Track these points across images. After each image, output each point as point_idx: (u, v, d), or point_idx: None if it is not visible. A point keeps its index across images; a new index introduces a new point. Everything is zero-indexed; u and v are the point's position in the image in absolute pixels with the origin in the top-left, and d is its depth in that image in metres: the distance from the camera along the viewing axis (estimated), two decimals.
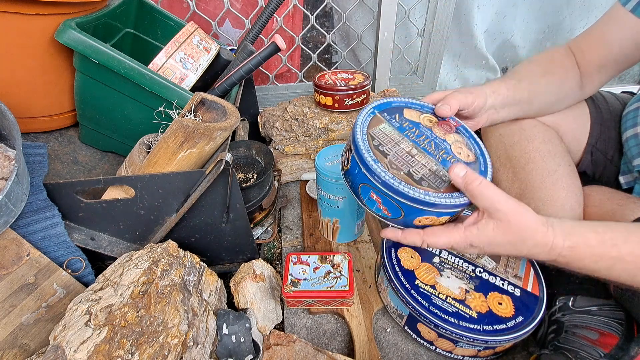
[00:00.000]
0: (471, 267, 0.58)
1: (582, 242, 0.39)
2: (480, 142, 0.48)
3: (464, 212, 0.45)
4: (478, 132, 0.97)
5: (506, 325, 0.51)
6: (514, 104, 0.58)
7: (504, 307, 0.53)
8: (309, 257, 0.65)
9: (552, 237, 0.39)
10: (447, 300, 0.54)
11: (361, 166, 0.43)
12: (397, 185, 0.40)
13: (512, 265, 0.59)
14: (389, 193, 0.41)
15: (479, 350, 0.52)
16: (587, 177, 0.72)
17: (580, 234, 0.39)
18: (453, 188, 0.41)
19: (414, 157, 0.44)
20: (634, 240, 0.38)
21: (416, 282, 0.56)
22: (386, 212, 0.44)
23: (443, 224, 0.44)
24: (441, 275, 0.57)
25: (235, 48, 0.92)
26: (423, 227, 0.44)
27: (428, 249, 0.53)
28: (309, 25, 1.08)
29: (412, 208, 0.41)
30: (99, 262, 0.63)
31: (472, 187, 0.39)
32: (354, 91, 0.91)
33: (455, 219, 0.45)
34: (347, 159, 0.46)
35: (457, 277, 0.57)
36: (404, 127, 0.47)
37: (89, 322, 0.42)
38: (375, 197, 0.43)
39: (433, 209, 0.41)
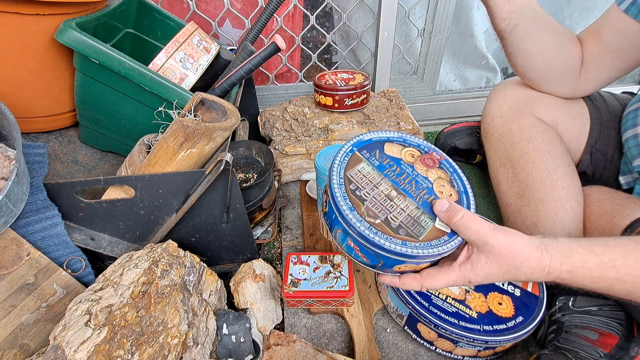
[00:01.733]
0: None
1: (580, 265, 0.39)
2: (464, 178, 0.46)
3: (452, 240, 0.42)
4: (478, 133, 0.98)
5: (506, 325, 0.51)
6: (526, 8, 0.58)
7: (504, 307, 0.53)
8: (309, 257, 0.65)
9: (548, 261, 0.39)
10: (447, 300, 0.54)
11: (337, 214, 0.42)
12: (372, 236, 0.39)
13: None
14: (365, 244, 0.40)
15: (479, 351, 0.53)
16: (587, 177, 0.72)
17: (578, 255, 0.39)
18: (432, 236, 0.40)
19: (392, 200, 0.43)
20: (632, 259, 0.38)
21: None
22: (364, 259, 0.44)
23: (425, 267, 0.44)
24: None
25: (235, 48, 0.92)
26: (402, 272, 0.44)
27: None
28: (309, 25, 1.08)
29: (389, 258, 0.41)
30: (99, 262, 0.63)
31: (456, 221, 0.39)
32: (354, 91, 0.91)
33: (439, 260, 0.44)
34: (325, 202, 0.46)
35: None
36: (384, 164, 0.46)
37: (89, 322, 0.42)
38: (352, 244, 0.43)
39: (411, 260, 0.40)
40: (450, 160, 0.48)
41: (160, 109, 0.63)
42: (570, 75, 0.64)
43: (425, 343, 0.56)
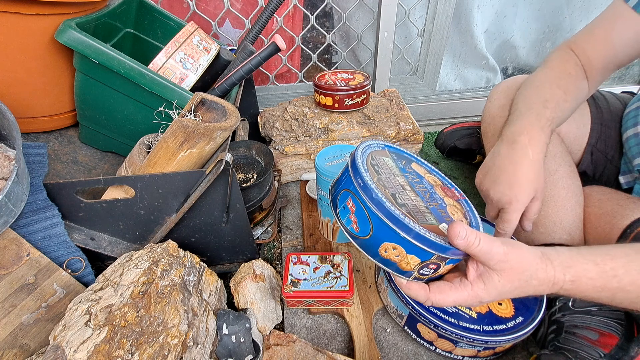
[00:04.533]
0: None
1: (583, 275, 0.38)
2: (478, 218, 0.45)
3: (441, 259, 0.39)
4: (478, 133, 0.98)
5: (506, 325, 0.51)
6: None
7: (504, 308, 0.53)
8: (309, 257, 0.65)
9: (553, 271, 0.38)
10: None
11: (350, 169, 0.41)
12: (376, 193, 0.37)
13: None
14: (365, 199, 0.38)
15: (479, 351, 0.52)
16: (587, 177, 0.72)
17: (579, 265, 0.38)
18: (432, 231, 0.38)
19: (405, 190, 0.41)
20: (634, 269, 0.37)
21: None
22: (355, 227, 0.41)
23: (412, 275, 0.40)
24: None
25: (235, 48, 0.92)
26: (387, 261, 0.40)
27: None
28: (309, 25, 1.08)
29: (383, 226, 0.38)
30: (99, 262, 0.63)
31: (473, 250, 0.37)
32: (354, 91, 0.91)
33: (432, 272, 0.40)
34: (340, 173, 0.45)
35: None
36: (407, 170, 0.46)
37: (89, 322, 0.42)
38: (350, 204, 0.41)
39: (404, 234, 0.37)
40: (469, 201, 0.48)
41: (160, 109, 0.63)
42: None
43: (425, 343, 0.56)
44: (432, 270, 0.40)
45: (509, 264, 0.37)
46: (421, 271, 0.40)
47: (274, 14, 0.80)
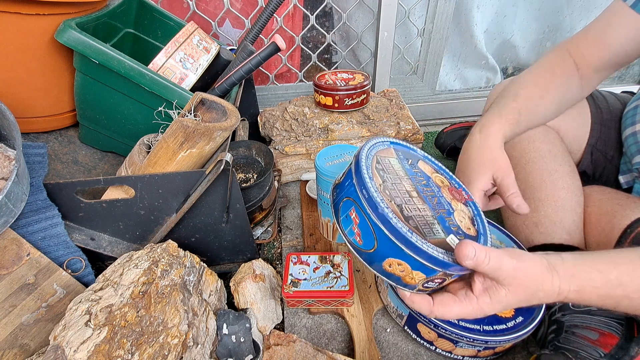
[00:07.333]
0: None
1: (587, 284, 0.38)
2: (485, 222, 0.44)
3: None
4: None
5: (506, 325, 0.51)
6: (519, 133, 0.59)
7: None
8: (309, 257, 0.65)
9: (558, 282, 0.37)
10: None
11: (354, 176, 0.39)
12: (381, 206, 0.36)
13: None
14: (370, 214, 0.37)
15: (479, 351, 0.52)
16: (587, 177, 0.72)
17: (584, 273, 0.38)
18: (440, 246, 0.36)
19: (411, 197, 0.40)
20: (639, 276, 0.37)
21: None
22: (358, 239, 0.39)
23: (416, 288, 0.39)
24: None
25: (235, 48, 0.92)
26: (390, 275, 0.39)
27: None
28: (309, 25, 1.08)
29: (387, 241, 0.36)
30: (99, 262, 0.63)
31: (483, 268, 0.36)
32: (354, 91, 0.91)
33: (436, 285, 0.39)
34: (343, 174, 0.44)
35: None
36: (414, 172, 0.44)
37: (89, 322, 0.42)
38: (354, 215, 0.39)
39: (410, 252, 0.36)
40: (478, 204, 0.47)
41: (160, 109, 0.63)
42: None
43: (425, 343, 0.56)
44: (437, 284, 0.39)
45: (517, 280, 0.36)
46: (425, 285, 0.39)
47: (274, 14, 0.80)
